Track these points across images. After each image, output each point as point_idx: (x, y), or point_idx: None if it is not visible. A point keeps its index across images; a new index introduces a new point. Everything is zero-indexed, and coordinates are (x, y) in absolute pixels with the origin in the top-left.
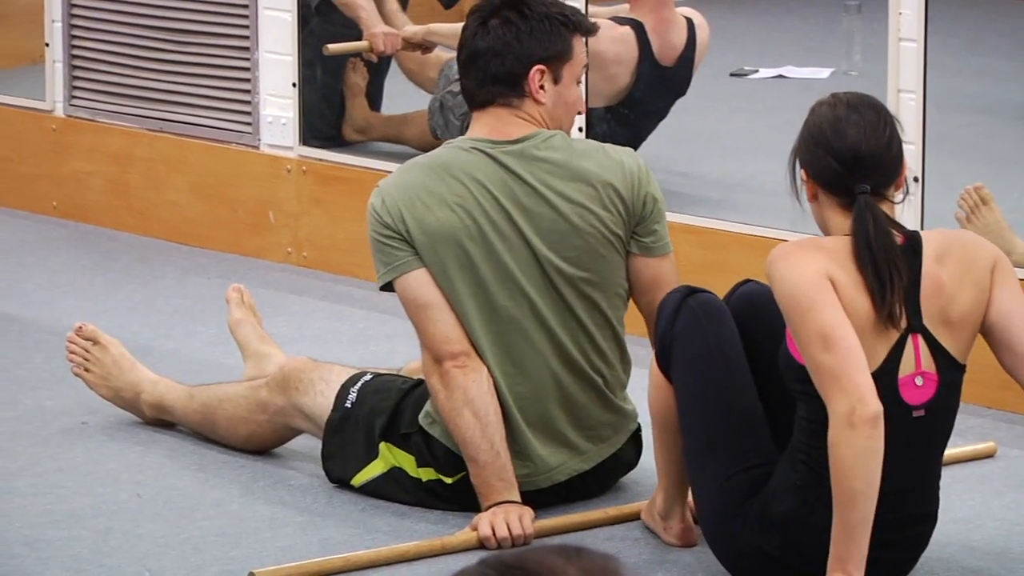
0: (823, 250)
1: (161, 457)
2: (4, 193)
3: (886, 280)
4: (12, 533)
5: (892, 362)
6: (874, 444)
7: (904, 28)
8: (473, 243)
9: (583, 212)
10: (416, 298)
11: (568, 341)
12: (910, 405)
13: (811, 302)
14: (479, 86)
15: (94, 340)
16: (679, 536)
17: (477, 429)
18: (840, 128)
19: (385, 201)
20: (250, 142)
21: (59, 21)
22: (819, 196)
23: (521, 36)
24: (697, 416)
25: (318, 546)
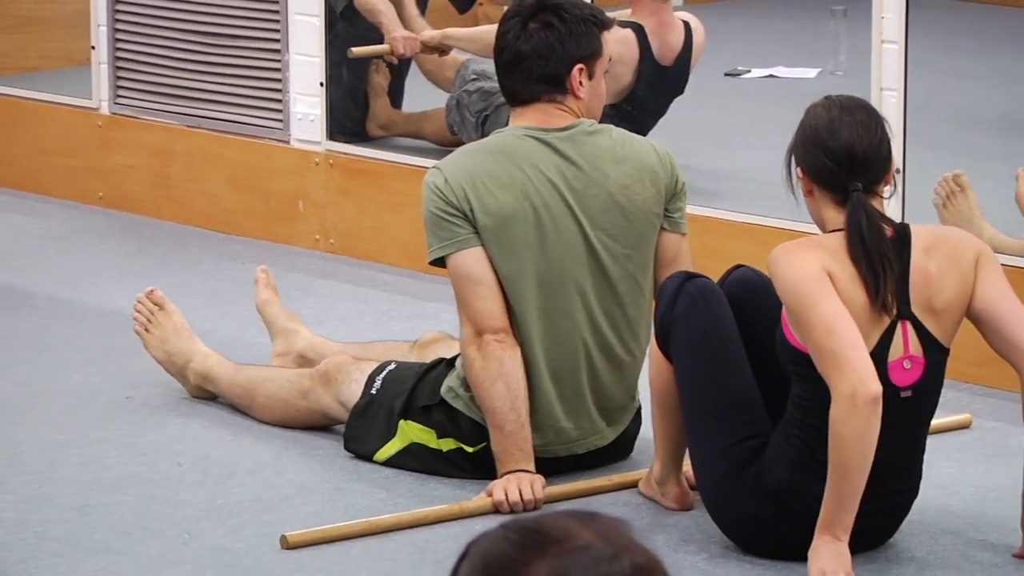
0: (820, 247)
1: (199, 429)
2: (54, 185)
3: (879, 271)
4: (62, 499)
5: (882, 347)
6: (872, 423)
7: (886, 31)
8: (530, 224)
9: (629, 192)
10: (470, 274)
11: (605, 323)
12: (898, 387)
13: (813, 294)
14: (524, 85)
15: (160, 305)
16: (676, 500)
17: (508, 400)
18: (835, 129)
19: (448, 180)
20: (281, 137)
21: (104, 25)
22: (814, 192)
23: (563, 38)
24: (696, 393)
25: (344, 512)
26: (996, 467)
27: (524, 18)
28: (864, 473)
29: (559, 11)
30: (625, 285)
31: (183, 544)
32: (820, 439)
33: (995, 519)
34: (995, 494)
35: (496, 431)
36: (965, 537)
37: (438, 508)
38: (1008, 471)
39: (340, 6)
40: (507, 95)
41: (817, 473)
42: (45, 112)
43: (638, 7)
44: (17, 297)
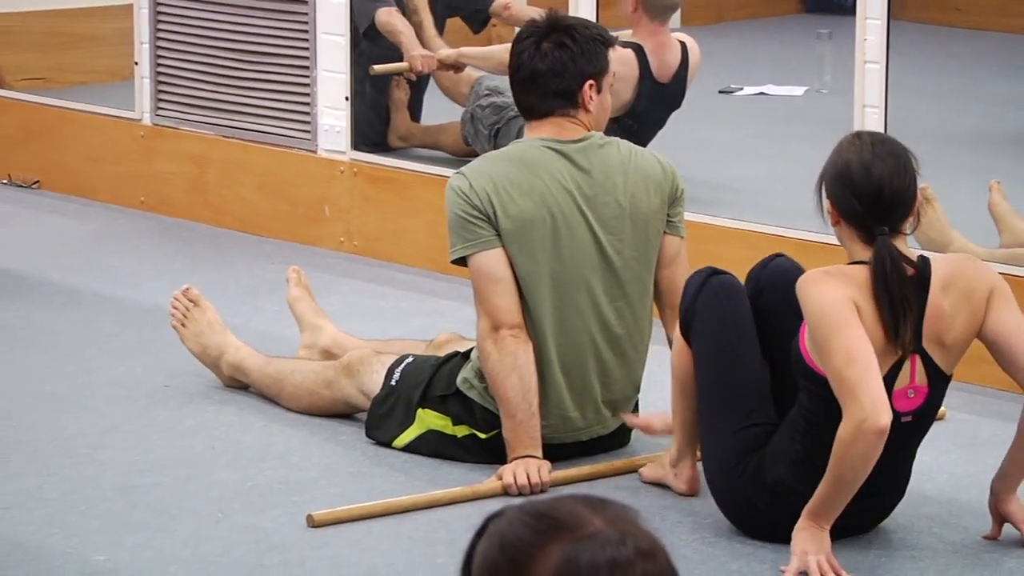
0: (848, 278)
1: (232, 416)
2: (99, 190)
3: (899, 314)
4: (106, 480)
5: (890, 378)
6: (876, 449)
7: (869, 52)
8: (547, 228)
9: (636, 200)
10: (491, 273)
11: (613, 319)
12: (900, 412)
13: (839, 322)
14: (541, 100)
15: (195, 302)
16: (687, 481)
17: (520, 391)
18: (866, 172)
19: (473, 185)
20: (309, 147)
21: (147, 43)
22: (842, 224)
23: (575, 56)
24: (711, 377)
25: (365, 493)
26: (968, 456)
27: (538, 38)
28: (856, 486)
29: (571, 31)
30: (632, 285)
31: (216, 522)
32: (820, 449)
33: (967, 504)
34: (967, 481)
35: (508, 419)
36: (940, 521)
37: (452, 490)
38: (979, 460)
39: (364, 26)
40: (523, 110)
41: (814, 476)
42: (92, 123)
43: (638, 29)
44: (65, 294)
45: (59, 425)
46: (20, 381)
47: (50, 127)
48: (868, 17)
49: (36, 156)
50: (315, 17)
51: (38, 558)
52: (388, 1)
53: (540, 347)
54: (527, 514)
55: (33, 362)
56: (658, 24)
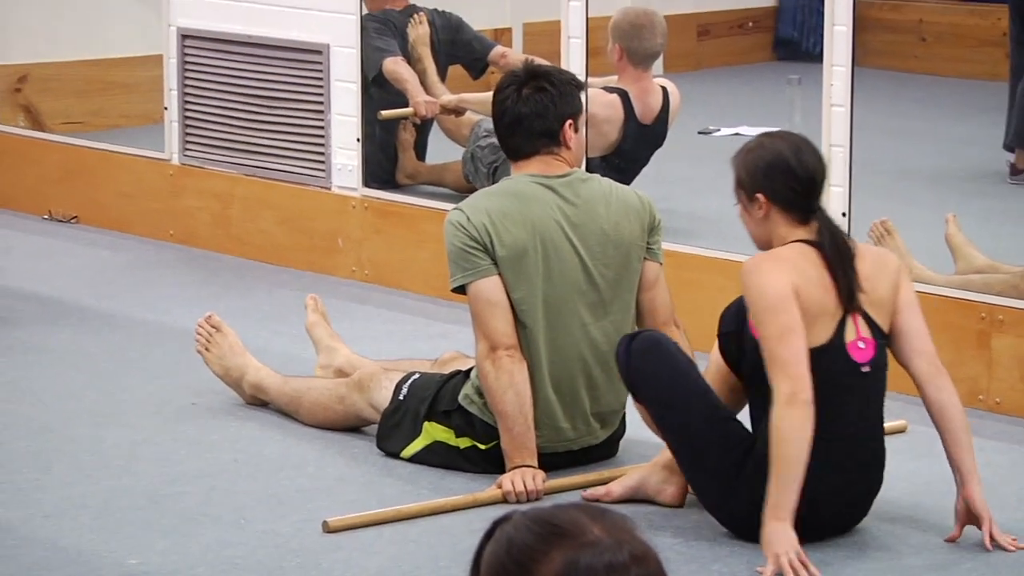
0: (785, 260)
1: (253, 431)
2: (132, 224)
3: (850, 274)
4: (138, 489)
5: (839, 334)
6: (807, 422)
7: (835, 96)
8: (539, 256)
9: (618, 228)
10: (488, 298)
11: (600, 338)
12: (858, 363)
13: (776, 306)
14: (526, 141)
15: (217, 328)
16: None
17: (516, 406)
18: (800, 157)
19: (471, 219)
20: (324, 184)
21: (175, 90)
22: (771, 215)
23: (555, 99)
24: (675, 430)
25: (376, 500)
26: (926, 466)
27: (518, 85)
28: (801, 464)
29: (548, 77)
30: (616, 305)
31: (239, 528)
32: None
33: (928, 509)
34: (925, 488)
35: (506, 432)
36: (902, 524)
37: (455, 498)
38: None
39: (372, 74)
40: (510, 152)
41: None
42: (125, 163)
43: (623, 75)
44: (101, 319)
45: (97, 438)
46: (61, 398)
47: (87, 167)
48: (834, 64)
49: (74, 193)
50: (329, 66)
51: (77, 561)
52: (395, 51)
53: (534, 365)
54: (532, 521)
55: (73, 381)
56: (641, 70)
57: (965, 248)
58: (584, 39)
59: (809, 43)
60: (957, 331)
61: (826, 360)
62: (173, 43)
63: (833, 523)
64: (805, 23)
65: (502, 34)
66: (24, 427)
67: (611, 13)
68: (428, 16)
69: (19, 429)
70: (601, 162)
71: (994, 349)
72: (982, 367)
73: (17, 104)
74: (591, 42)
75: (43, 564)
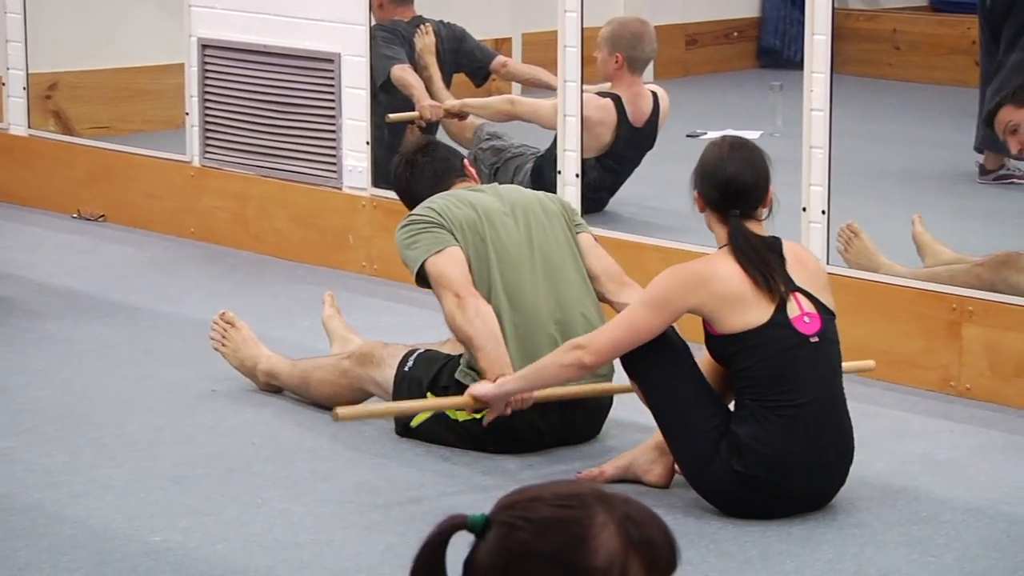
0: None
1: (269, 416)
2: (155, 222)
3: (763, 269)
4: (160, 472)
5: (780, 312)
6: (576, 374)
7: (815, 101)
8: (486, 225)
9: (544, 207)
10: (452, 259)
11: (555, 298)
12: (806, 335)
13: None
14: (441, 181)
15: (231, 323)
16: (660, 477)
17: (484, 330)
18: (721, 166)
19: (424, 212)
20: (335, 184)
21: (195, 96)
22: (706, 211)
23: (447, 149)
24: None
25: (385, 480)
26: (900, 447)
27: (409, 155)
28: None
29: (432, 142)
30: (565, 266)
31: (256, 508)
32: (763, 392)
33: (900, 488)
34: (900, 468)
35: (479, 352)
36: (877, 502)
37: (455, 398)
38: (909, 451)
39: (381, 81)
40: (424, 194)
41: (768, 418)
42: (149, 165)
43: (616, 81)
44: (126, 311)
45: (121, 424)
46: (88, 386)
47: (113, 169)
48: (814, 71)
49: (101, 194)
50: (340, 73)
51: (104, 539)
52: (402, 59)
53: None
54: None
55: (99, 369)
56: (635, 76)
57: (932, 245)
58: (579, 47)
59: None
60: (929, 321)
61: (772, 334)
62: (194, 52)
63: (807, 493)
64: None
65: (503, 43)
66: (53, 413)
67: (604, 23)
68: (434, 27)
69: (48, 415)
70: (595, 163)
71: (964, 338)
72: (953, 356)
73: (48, 110)
74: (586, 50)
75: (72, 542)
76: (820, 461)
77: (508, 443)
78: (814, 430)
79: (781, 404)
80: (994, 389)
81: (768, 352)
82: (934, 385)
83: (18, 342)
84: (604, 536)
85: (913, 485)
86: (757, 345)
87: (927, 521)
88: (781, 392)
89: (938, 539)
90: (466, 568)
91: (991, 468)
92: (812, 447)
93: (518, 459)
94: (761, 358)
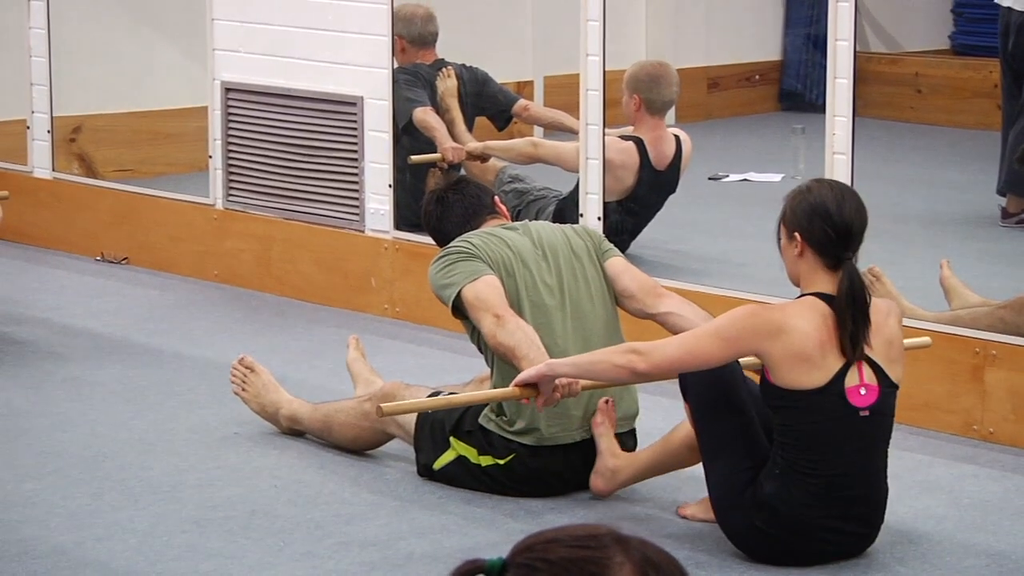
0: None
1: (292, 458)
2: (178, 265)
3: (860, 324)
4: (184, 514)
5: (839, 377)
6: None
7: (836, 145)
8: (518, 264)
9: (571, 241)
10: (492, 286)
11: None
12: (856, 407)
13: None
14: (472, 218)
15: (251, 368)
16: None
17: (526, 340)
18: (841, 207)
19: (460, 244)
20: (358, 227)
21: (219, 139)
22: (805, 255)
23: (478, 186)
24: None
25: (407, 524)
26: (924, 492)
27: (440, 192)
28: None
29: (463, 179)
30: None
31: (279, 550)
32: (798, 455)
33: (923, 532)
34: (924, 513)
35: (523, 361)
36: (902, 546)
37: (502, 390)
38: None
39: (403, 123)
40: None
41: (796, 482)
42: (173, 207)
43: (639, 124)
44: (151, 354)
45: (145, 466)
46: (112, 428)
47: (137, 211)
48: (836, 115)
49: (125, 236)
50: (363, 117)
51: None
52: (424, 102)
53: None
54: (570, 541)
55: (123, 412)
56: (657, 119)
57: (959, 289)
58: (601, 91)
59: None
60: (952, 365)
61: (822, 402)
62: (217, 96)
63: (829, 557)
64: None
65: (524, 87)
66: (77, 455)
67: (626, 66)
68: (456, 70)
69: (72, 457)
70: (617, 206)
71: (987, 382)
72: (976, 399)
73: (72, 153)
74: (608, 94)
75: None
76: (846, 530)
77: (530, 487)
78: (843, 501)
79: (811, 472)
80: (1018, 433)
81: (813, 418)
82: (958, 429)
83: (43, 385)
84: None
85: (937, 530)
86: (805, 408)
87: (951, 566)
88: (815, 460)
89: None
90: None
91: (1015, 512)
92: (838, 517)
93: (541, 502)
94: (804, 421)
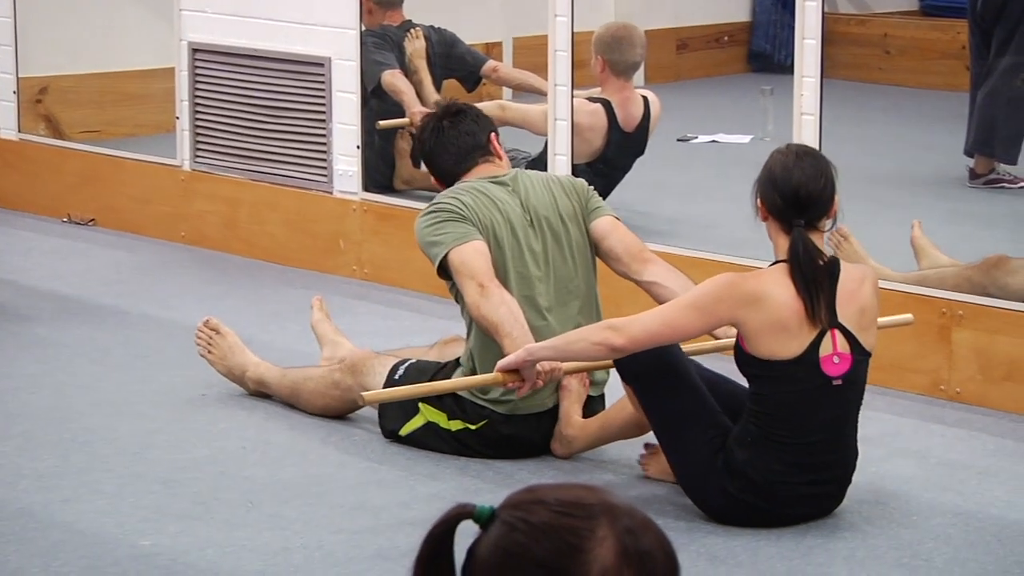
0: (763, 275)
1: (260, 420)
2: (146, 226)
3: (812, 292)
4: (151, 475)
5: (814, 347)
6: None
7: (804, 106)
8: (506, 232)
9: (559, 198)
10: (479, 252)
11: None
12: (830, 376)
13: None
14: (464, 158)
15: (216, 330)
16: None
17: (510, 317)
18: (788, 173)
19: (451, 202)
20: (326, 189)
21: (186, 100)
22: (768, 220)
23: (476, 118)
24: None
25: (375, 485)
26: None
27: (436, 120)
28: None
29: (459, 109)
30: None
31: (247, 511)
32: (772, 423)
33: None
34: (891, 472)
35: (505, 338)
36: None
37: (481, 376)
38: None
39: (372, 86)
40: (448, 176)
41: (770, 450)
42: (140, 169)
43: (606, 86)
44: (117, 315)
45: (112, 427)
46: (79, 390)
47: (104, 173)
48: (804, 75)
49: (92, 198)
50: (331, 78)
51: (94, 543)
52: (392, 64)
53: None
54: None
55: (89, 373)
56: (623, 81)
57: (929, 249)
58: (570, 52)
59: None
60: (919, 325)
61: (796, 372)
62: (184, 57)
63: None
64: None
65: (493, 48)
66: (44, 417)
67: (595, 28)
68: (424, 31)
69: (39, 419)
70: (586, 168)
71: (954, 342)
72: (943, 359)
73: (38, 114)
74: (576, 55)
75: (61, 546)
76: (815, 491)
77: (501, 451)
78: (814, 466)
79: (786, 441)
80: (984, 393)
81: (787, 388)
82: (924, 389)
83: (8, 346)
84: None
85: (903, 489)
86: (779, 378)
87: (917, 525)
88: (788, 429)
89: (928, 543)
90: (468, 555)
91: (981, 472)
92: (809, 481)
93: (511, 463)
94: (779, 391)
